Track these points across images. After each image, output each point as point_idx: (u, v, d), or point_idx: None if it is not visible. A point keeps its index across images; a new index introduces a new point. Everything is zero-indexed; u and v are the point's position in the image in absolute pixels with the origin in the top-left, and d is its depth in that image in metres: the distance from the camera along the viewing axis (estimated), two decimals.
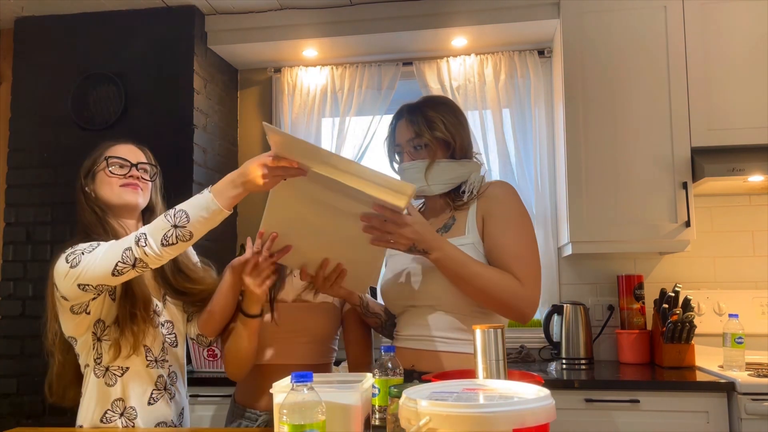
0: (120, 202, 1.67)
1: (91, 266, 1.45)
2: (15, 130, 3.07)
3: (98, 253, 1.46)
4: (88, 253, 1.47)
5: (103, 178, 1.68)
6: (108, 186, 1.67)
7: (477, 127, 3.12)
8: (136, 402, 1.61)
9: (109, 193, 1.67)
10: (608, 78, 2.74)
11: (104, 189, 1.67)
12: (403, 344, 1.67)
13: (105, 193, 1.67)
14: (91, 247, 1.49)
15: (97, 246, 1.49)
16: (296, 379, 1.09)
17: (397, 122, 1.76)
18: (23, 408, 2.87)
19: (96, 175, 1.68)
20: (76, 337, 1.61)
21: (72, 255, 1.50)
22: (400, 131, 1.74)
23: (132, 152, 1.72)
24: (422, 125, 1.68)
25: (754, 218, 2.95)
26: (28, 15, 3.10)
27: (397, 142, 1.76)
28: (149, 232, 1.42)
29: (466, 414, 0.96)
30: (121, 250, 1.42)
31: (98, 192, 1.68)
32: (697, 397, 2.29)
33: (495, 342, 1.34)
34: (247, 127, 3.46)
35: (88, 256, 1.47)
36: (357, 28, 3.05)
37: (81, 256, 1.48)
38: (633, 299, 2.85)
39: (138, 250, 1.41)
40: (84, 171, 1.70)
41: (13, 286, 2.96)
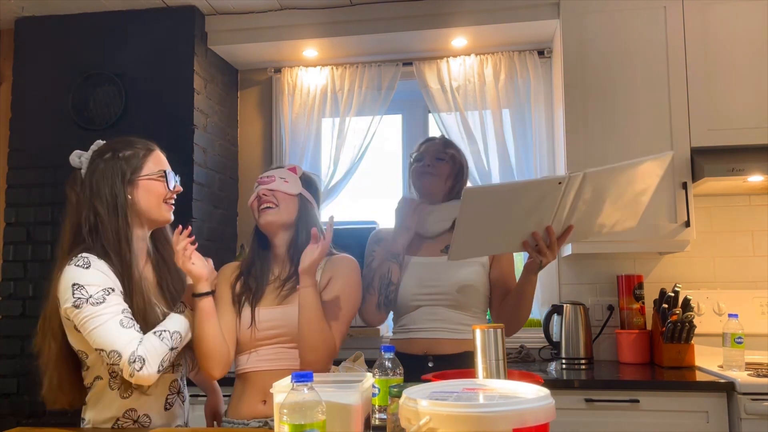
0: (161, 218, 1.64)
1: (94, 336, 1.44)
2: (15, 130, 3.07)
3: (103, 331, 1.44)
4: (96, 318, 1.44)
5: (151, 188, 1.62)
6: (155, 198, 1.62)
7: (477, 127, 3.12)
8: (152, 409, 1.59)
9: (154, 205, 1.62)
10: (608, 78, 2.74)
11: (149, 200, 1.61)
12: (417, 335, 1.99)
13: (148, 204, 1.61)
14: (98, 305, 1.45)
15: (105, 312, 1.45)
16: (296, 378, 1.09)
17: (426, 143, 2.16)
18: (23, 408, 2.87)
19: (139, 182, 1.61)
20: (87, 353, 1.55)
21: (79, 296, 1.45)
22: (428, 148, 2.13)
23: (166, 163, 1.70)
24: (448, 144, 2.17)
25: (754, 218, 2.95)
26: (28, 15, 3.10)
27: (421, 155, 2.14)
28: (148, 355, 1.42)
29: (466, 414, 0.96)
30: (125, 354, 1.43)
31: (139, 200, 1.60)
32: (697, 397, 2.29)
33: (495, 342, 1.34)
34: (247, 127, 3.46)
35: (95, 324, 1.44)
36: (357, 29, 3.05)
37: (88, 314, 1.44)
38: (633, 299, 2.85)
39: (129, 369, 1.42)
40: (120, 173, 1.59)
41: (13, 286, 2.96)
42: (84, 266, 1.49)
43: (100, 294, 1.46)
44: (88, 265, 1.49)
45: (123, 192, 1.58)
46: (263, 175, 1.85)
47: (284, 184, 1.80)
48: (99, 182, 1.58)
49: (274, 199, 1.77)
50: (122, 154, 1.61)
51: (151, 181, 1.62)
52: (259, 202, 1.79)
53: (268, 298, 1.76)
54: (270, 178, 1.81)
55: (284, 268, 1.80)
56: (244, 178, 3.43)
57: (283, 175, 1.82)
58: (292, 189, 1.80)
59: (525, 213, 1.69)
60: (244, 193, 3.41)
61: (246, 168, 3.43)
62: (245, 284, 1.79)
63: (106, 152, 1.62)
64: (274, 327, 1.71)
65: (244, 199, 3.41)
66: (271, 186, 1.79)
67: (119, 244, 1.54)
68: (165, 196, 1.64)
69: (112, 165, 1.59)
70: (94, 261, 1.51)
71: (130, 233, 1.58)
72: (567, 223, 1.72)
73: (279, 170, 1.85)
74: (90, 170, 1.61)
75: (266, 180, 1.81)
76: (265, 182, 1.81)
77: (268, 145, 3.43)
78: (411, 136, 3.40)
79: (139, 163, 1.62)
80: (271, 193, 1.78)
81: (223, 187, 3.24)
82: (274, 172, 1.83)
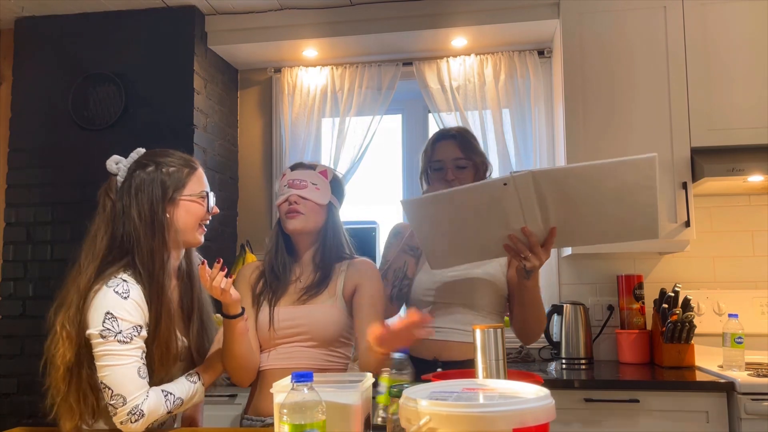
0: (193, 241, 1.60)
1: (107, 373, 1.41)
2: (15, 130, 3.07)
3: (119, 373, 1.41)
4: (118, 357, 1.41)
5: (191, 209, 1.57)
6: (193, 219, 1.57)
7: (477, 127, 3.12)
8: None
9: (191, 227, 1.57)
10: (608, 78, 2.74)
11: (187, 221, 1.56)
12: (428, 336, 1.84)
13: (185, 225, 1.56)
14: (123, 344, 1.41)
15: (128, 354, 1.42)
16: (296, 378, 1.09)
17: (440, 141, 2.04)
18: (23, 408, 2.87)
19: (180, 202, 1.55)
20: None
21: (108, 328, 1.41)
22: (443, 149, 2.01)
23: (207, 183, 1.64)
24: (469, 148, 2.00)
25: (754, 218, 2.95)
26: (28, 15, 3.10)
27: (437, 158, 2.02)
28: (147, 412, 1.40)
29: (466, 414, 0.96)
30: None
31: (177, 220, 1.55)
32: (697, 397, 2.29)
33: (495, 342, 1.34)
34: (247, 127, 3.46)
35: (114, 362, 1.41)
36: (357, 28, 3.05)
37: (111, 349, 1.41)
38: (633, 299, 2.85)
39: (125, 418, 1.40)
40: (161, 190, 1.53)
41: (13, 286, 2.96)
42: (123, 295, 1.44)
43: (129, 333, 1.42)
44: (126, 294, 1.44)
45: (162, 209, 1.52)
46: (295, 177, 1.79)
47: (315, 192, 1.77)
48: (139, 196, 1.52)
49: (303, 208, 1.76)
50: (165, 170, 1.55)
51: (192, 201, 1.57)
52: (288, 207, 1.77)
53: (288, 298, 1.77)
54: (303, 183, 1.78)
55: (308, 273, 1.80)
56: (244, 178, 3.43)
57: (315, 180, 1.79)
58: (322, 198, 1.78)
59: (483, 218, 1.67)
60: (244, 193, 3.41)
61: (246, 168, 3.43)
62: (267, 283, 1.78)
63: (148, 164, 1.56)
64: (293, 326, 1.72)
65: (244, 199, 3.41)
66: (303, 193, 1.76)
67: (153, 266, 1.49)
68: (202, 218, 1.59)
69: (153, 179, 1.53)
70: (132, 289, 1.46)
71: (166, 255, 1.53)
72: (549, 225, 1.68)
73: (310, 173, 1.81)
74: (129, 181, 1.55)
75: (298, 184, 1.77)
76: (296, 186, 1.77)
77: (268, 145, 3.43)
78: (411, 136, 3.40)
79: (183, 182, 1.56)
80: (302, 200, 1.76)
81: (223, 187, 3.24)
82: (306, 176, 1.79)
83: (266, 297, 1.76)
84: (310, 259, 1.81)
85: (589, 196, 1.63)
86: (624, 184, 1.62)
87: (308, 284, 1.77)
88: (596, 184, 1.62)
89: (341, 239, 1.84)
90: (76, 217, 2.95)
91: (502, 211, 1.64)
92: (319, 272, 1.78)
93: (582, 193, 1.63)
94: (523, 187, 1.61)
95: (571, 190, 1.63)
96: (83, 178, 2.93)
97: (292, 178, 1.79)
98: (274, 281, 1.78)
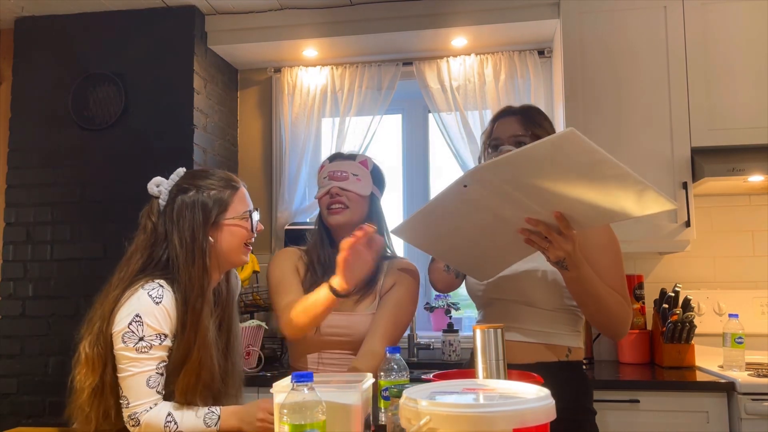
0: (239, 262, 1.56)
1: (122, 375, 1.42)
2: (15, 130, 3.07)
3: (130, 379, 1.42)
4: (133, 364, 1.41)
5: (235, 232, 1.53)
6: (237, 241, 1.53)
7: (477, 127, 3.12)
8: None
9: (236, 249, 1.53)
10: (608, 78, 2.74)
11: (232, 243, 1.52)
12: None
13: (230, 247, 1.52)
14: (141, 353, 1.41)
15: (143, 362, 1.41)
16: (296, 379, 1.09)
17: (500, 119, 1.81)
18: (23, 408, 2.87)
19: (224, 226, 1.51)
20: None
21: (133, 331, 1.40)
22: (503, 126, 1.78)
23: (250, 201, 1.61)
24: (531, 124, 1.74)
25: (754, 218, 2.95)
26: (28, 15, 3.10)
27: (495, 136, 1.80)
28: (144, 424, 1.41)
29: (466, 414, 0.96)
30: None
31: (221, 244, 1.51)
32: (697, 397, 2.29)
33: (495, 342, 1.34)
34: (247, 127, 3.46)
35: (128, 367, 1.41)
36: (357, 28, 3.05)
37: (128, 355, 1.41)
38: (633, 299, 2.85)
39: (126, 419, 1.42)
40: (202, 215, 1.49)
41: (13, 286, 2.96)
42: (156, 299, 1.43)
43: (150, 340, 1.42)
44: (159, 299, 1.43)
45: (204, 235, 1.49)
46: (335, 169, 1.73)
47: (357, 183, 1.72)
48: (180, 222, 1.48)
49: (346, 200, 1.71)
50: (207, 193, 1.51)
51: (235, 226, 1.53)
52: (330, 200, 1.71)
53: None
54: (343, 174, 1.72)
55: None
56: (244, 178, 3.37)
57: (356, 171, 1.74)
58: (364, 189, 1.73)
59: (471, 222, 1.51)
60: None
61: (246, 168, 3.43)
62: (314, 281, 1.70)
63: (189, 188, 1.52)
64: (338, 334, 1.68)
65: None
66: (344, 185, 1.71)
67: (192, 292, 1.46)
68: (248, 238, 1.55)
69: (195, 204, 1.50)
70: (167, 295, 1.45)
71: (206, 281, 1.49)
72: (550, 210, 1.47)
73: (350, 164, 1.75)
74: (171, 206, 1.51)
75: (339, 176, 1.72)
76: (338, 178, 1.72)
77: (268, 145, 3.42)
78: (411, 136, 3.40)
79: (226, 205, 1.52)
80: (344, 192, 1.71)
81: None
82: (347, 166, 1.74)
83: None
84: None
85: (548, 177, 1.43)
86: (565, 161, 1.44)
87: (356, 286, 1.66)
88: (543, 165, 1.41)
89: (384, 232, 1.78)
90: (76, 217, 2.95)
91: (488, 209, 1.48)
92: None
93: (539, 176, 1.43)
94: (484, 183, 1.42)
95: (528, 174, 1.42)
96: (83, 178, 2.93)
97: (332, 169, 1.74)
98: (322, 279, 1.67)
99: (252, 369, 2.68)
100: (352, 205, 1.71)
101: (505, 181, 1.42)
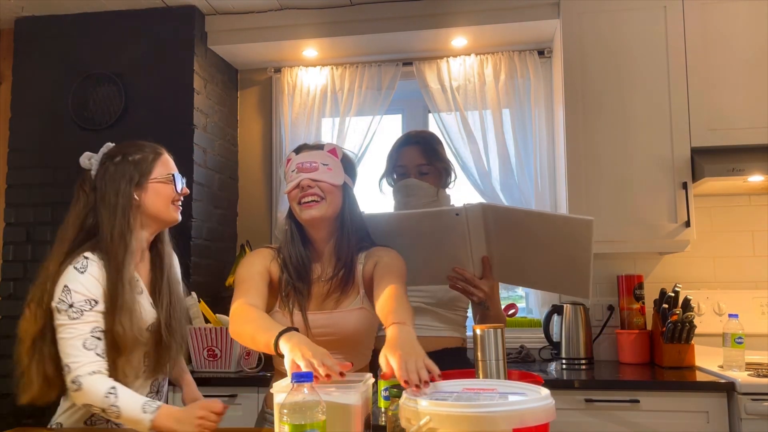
0: (170, 219, 1.69)
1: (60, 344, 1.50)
2: (15, 130, 3.07)
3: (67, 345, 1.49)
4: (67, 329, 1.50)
5: (160, 191, 1.67)
6: (163, 200, 1.67)
7: (477, 127, 3.12)
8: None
9: (162, 207, 1.67)
10: (608, 78, 2.74)
11: (158, 202, 1.66)
12: None
13: (156, 206, 1.66)
14: (72, 319, 1.50)
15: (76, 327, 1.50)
16: (296, 379, 1.09)
17: (405, 147, 2.05)
18: (23, 408, 2.86)
19: (148, 185, 1.65)
20: None
21: (63, 300, 1.51)
22: (407, 155, 2.03)
23: (174, 166, 1.74)
24: (431, 155, 2.01)
25: (754, 218, 2.95)
26: (28, 15, 3.10)
27: (401, 163, 2.04)
28: (85, 389, 1.46)
29: (466, 414, 0.96)
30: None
31: (147, 203, 1.65)
32: (697, 397, 2.29)
33: (495, 342, 1.34)
34: (247, 127, 3.46)
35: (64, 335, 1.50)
36: (357, 28, 3.05)
37: (62, 322, 1.50)
38: (633, 299, 2.85)
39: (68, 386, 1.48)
40: (128, 177, 1.64)
41: (13, 286, 2.96)
42: (80, 270, 1.55)
43: (80, 305, 1.51)
44: (84, 269, 1.55)
45: (129, 195, 1.62)
46: (303, 160, 1.64)
47: (328, 173, 1.62)
48: (107, 185, 1.63)
49: (320, 191, 1.61)
50: (132, 158, 1.66)
51: (159, 184, 1.67)
52: (301, 193, 1.62)
53: (314, 302, 1.65)
54: (312, 165, 1.62)
55: (330, 270, 1.66)
56: (244, 178, 3.42)
57: (325, 160, 1.64)
58: (336, 179, 1.63)
59: (437, 245, 1.74)
60: (244, 193, 3.41)
61: (246, 168, 3.43)
62: (290, 282, 1.64)
63: (116, 155, 1.67)
64: (323, 334, 1.60)
65: (244, 199, 3.41)
66: (315, 176, 1.61)
67: (114, 244, 1.58)
68: (173, 198, 1.69)
69: (121, 168, 1.64)
70: (91, 264, 1.56)
71: (129, 235, 1.61)
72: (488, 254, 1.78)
73: (319, 153, 1.66)
74: (100, 173, 1.66)
75: (308, 167, 1.62)
76: (307, 170, 1.62)
77: (268, 145, 3.42)
78: None
79: (149, 167, 1.66)
80: (315, 183, 1.61)
81: (223, 187, 3.24)
82: (316, 156, 1.64)
83: (295, 301, 1.63)
84: (330, 251, 1.67)
85: (529, 239, 1.73)
86: (562, 237, 1.72)
87: (333, 284, 1.64)
88: (537, 230, 1.72)
89: (360, 223, 1.71)
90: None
91: (451, 243, 1.73)
92: (342, 269, 1.64)
93: (524, 235, 1.73)
94: (474, 218, 1.71)
95: (514, 229, 1.73)
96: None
97: (300, 161, 1.64)
98: (297, 281, 1.64)
99: (252, 369, 2.69)
100: (327, 196, 1.61)
101: (495, 225, 1.70)
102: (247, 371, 2.68)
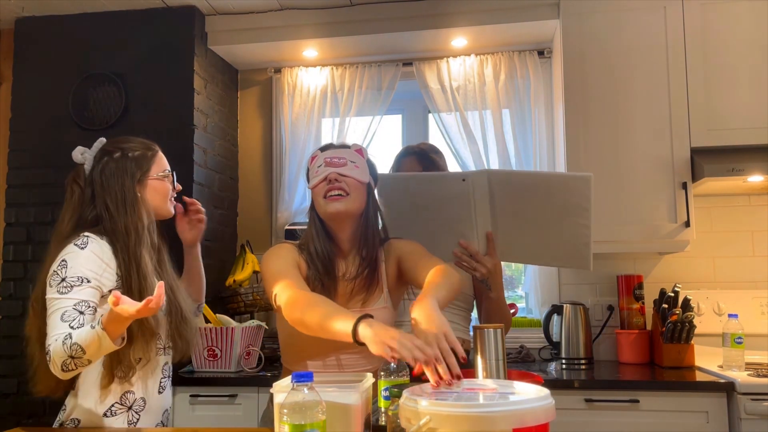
0: (166, 214, 1.75)
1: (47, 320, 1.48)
2: (15, 130, 3.07)
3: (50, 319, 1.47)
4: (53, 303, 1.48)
5: (158, 187, 1.71)
6: (161, 196, 1.72)
7: (477, 128, 3.12)
8: (148, 392, 1.63)
9: (160, 203, 1.72)
10: (608, 78, 2.74)
11: (156, 198, 1.71)
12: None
13: (155, 202, 1.71)
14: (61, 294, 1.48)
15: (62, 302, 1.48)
16: (296, 379, 1.09)
17: (404, 158, 2.12)
18: (23, 408, 2.87)
19: (148, 182, 1.70)
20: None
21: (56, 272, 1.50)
22: (406, 165, 2.10)
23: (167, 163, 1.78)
24: (429, 163, 2.07)
25: (754, 218, 2.95)
26: (28, 15, 3.10)
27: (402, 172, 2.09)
28: (53, 355, 1.41)
29: (466, 414, 0.96)
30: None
31: (147, 198, 1.69)
32: (697, 397, 2.29)
33: (495, 342, 1.34)
34: (247, 127, 3.46)
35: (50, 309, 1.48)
36: (357, 29, 3.05)
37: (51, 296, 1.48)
38: (633, 299, 2.85)
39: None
40: (130, 173, 1.67)
41: (13, 286, 2.96)
42: (80, 246, 1.54)
43: (72, 280, 1.49)
44: (84, 245, 1.54)
45: (133, 190, 1.66)
46: (331, 156, 1.64)
47: (355, 170, 1.63)
48: (109, 180, 1.65)
49: (345, 187, 1.60)
50: (132, 155, 1.69)
51: (157, 181, 1.71)
52: (328, 186, 1.61)
53: (339, 301, 1.61)
54: (341, 160, 1.62)
55: (354, 269, 1.65)
56: (244, 178, 3.43)
57: (353, 158, 1.65)
58: (363, 176, 1.64)
59: (443, 218, 1.76)
60: (245, 193, 3.41)
61: (246, 168, 3.43)
62: (318, 280, 1.62)
63: (115, 151, 1.69)
64: None
65: (244, 200, 3.41)
66: (343, 171, 1.61)
67: (128, 236, 1.61)
68: (169, 194, 1.75)
69: (122, 165, 1.67)
70: (92, 242, 1.56)
71: (140, 225, 1.65)
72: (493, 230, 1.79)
73: (346, 150, 1.67)
74: (99, 168, 1.67)
75: (336, 162, 1.62)
76: (335, 164, 1.62)
77: (268, 145, 3.43)
78: (411, 137, 3.40)
79: (148, 164, 1.71)
80: (342, 178, 1.61)
81: (223, 187, 3.24)
82: (344, 153, 1.65)
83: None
84: (353, 250, 1.66)
85: (531, 204, 1.76)
86: (562, 197, 1.75)
87: (358, 284, 1.63)
88: (539, 192, 1.75)
89: (379, 225, 1.72)
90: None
91: (456, 215, 1.75)
92: (367, 268, 1.63)
93: (527, 201, 1.76)
94: (479, 185, 1.73)
95: (517, 195, 1.75)
96: None
97: (328, 156, 1.64)
98: (325, 277, 1.62)
99: (252, 369, 2.69)
100: (352, 192, 1.61)
101: (500, 192, 1.72)
102: (247, 371, 2.68)
